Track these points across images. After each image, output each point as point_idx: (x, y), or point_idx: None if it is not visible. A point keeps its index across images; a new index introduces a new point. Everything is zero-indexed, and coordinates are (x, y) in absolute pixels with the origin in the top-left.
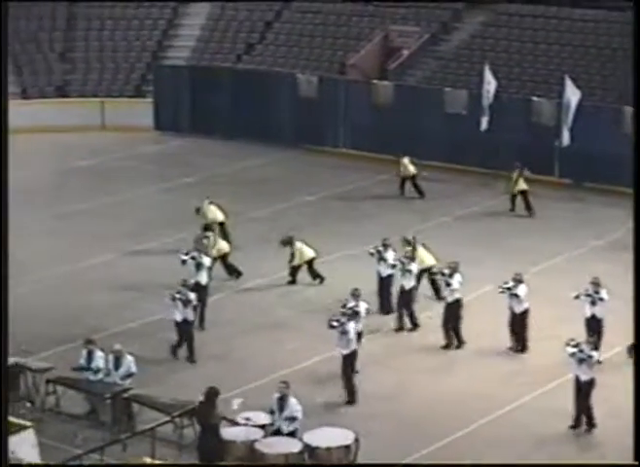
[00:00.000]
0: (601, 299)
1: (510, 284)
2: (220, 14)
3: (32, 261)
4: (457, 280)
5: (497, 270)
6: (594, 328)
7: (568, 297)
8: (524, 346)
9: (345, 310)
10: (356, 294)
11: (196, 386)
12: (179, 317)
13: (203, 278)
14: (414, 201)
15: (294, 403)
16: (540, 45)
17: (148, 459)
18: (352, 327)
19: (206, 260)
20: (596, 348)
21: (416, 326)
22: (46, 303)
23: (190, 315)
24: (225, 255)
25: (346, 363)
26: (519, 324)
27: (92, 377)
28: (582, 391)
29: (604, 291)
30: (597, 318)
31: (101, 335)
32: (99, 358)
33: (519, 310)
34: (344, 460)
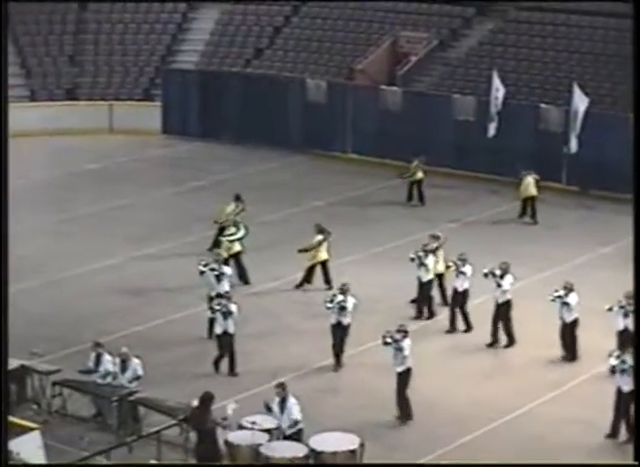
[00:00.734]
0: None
1: (560, 292)
2: (229, 18)
3: (40, 263)
4: (508, 281)
5: None
6: (627, 340)
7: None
8: (574, 356)
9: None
10: (344, 289)
11: (203, 390)
12: (219, 330)
13: (225, 288)
14: (422, 207)
15: (293, 403)
16: (548, 52)
17: (154, 461)
18: (407, 344)
19: (227, 269)
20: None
21: (470, 327)
22: (53, 305)
23: (230, 327)
24: (237, 254)
25: (401, 380)
26: (570, 333)
27: (100, 381)
28: (622, 401)
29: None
30: (629, 331)
31: (108, 338)
32: (107, 362)
33: (570, 320)
34: None
